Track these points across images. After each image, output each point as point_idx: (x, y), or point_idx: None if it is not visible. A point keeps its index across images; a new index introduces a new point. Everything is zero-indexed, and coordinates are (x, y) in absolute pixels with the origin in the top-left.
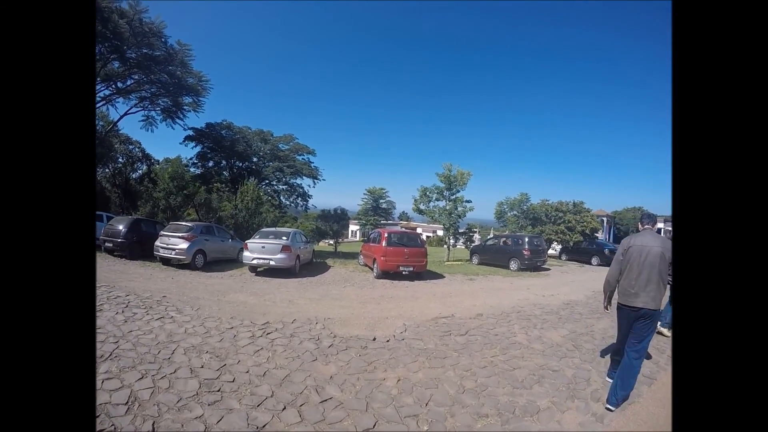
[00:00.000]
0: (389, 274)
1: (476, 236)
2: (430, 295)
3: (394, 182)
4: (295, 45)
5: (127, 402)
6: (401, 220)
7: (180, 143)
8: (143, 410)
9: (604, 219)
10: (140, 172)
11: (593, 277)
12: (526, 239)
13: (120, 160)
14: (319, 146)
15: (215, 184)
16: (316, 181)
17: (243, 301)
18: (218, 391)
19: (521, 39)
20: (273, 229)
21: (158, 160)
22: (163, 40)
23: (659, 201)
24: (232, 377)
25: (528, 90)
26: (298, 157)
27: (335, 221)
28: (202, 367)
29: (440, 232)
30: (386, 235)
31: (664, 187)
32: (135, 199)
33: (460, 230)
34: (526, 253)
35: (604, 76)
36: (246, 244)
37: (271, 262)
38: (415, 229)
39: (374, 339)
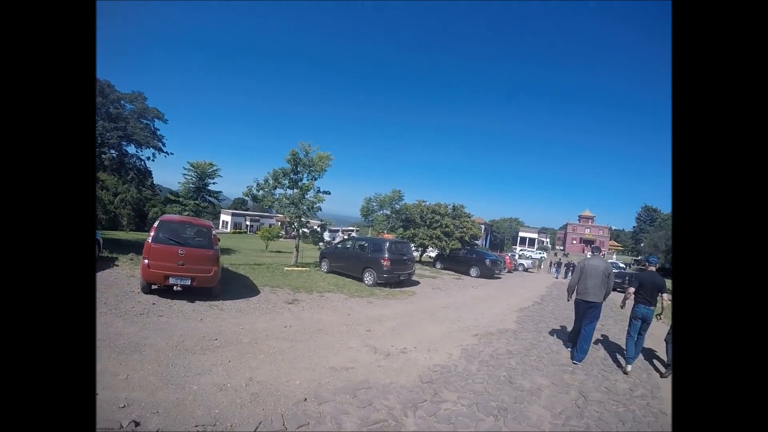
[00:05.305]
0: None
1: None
2: (159, 349)
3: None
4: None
5: None
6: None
7: None
8: None
9: (482, 226)
10: None
11: (474, 297)
12: (387, 245)
13: None
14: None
15: None
16: (158, 153)
17: None
18: None
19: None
20: None
21: None
22: None
23: (533, 214)
24: None
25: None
26: (143, 121)
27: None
28: None
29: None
30: (156, 224)
31: (539, 199)
32: None
33: (316, 226)
34: (384, 263)
35: (481, 96)
36: None
37: None
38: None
39: None
